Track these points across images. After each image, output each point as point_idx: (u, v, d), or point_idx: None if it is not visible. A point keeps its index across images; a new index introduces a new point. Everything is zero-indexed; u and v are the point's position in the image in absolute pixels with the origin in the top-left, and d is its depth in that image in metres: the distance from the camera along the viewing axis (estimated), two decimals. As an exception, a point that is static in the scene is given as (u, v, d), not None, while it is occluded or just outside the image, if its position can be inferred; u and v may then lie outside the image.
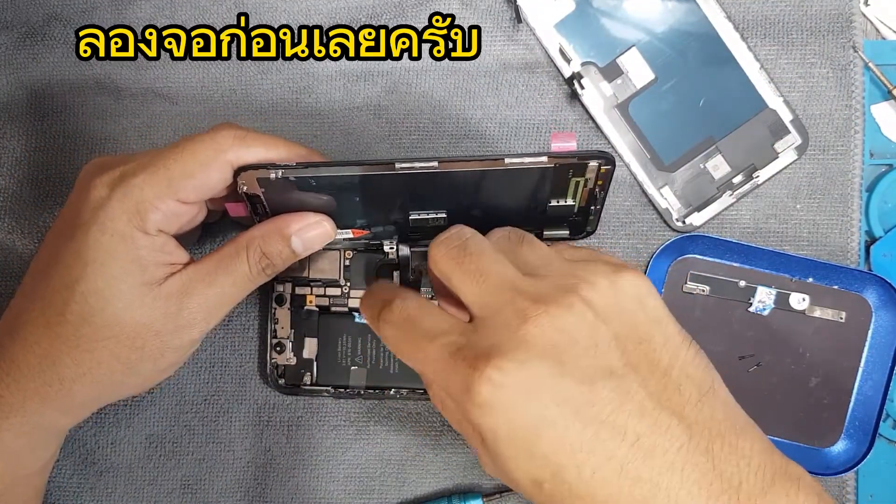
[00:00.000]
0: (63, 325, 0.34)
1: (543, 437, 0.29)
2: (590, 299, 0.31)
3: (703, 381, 0.31)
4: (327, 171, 0.34)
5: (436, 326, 0.32)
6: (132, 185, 0.34)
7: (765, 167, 0.42)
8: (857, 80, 0.42)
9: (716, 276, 0.43)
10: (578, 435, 0.29)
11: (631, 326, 0.31)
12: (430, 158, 0.33)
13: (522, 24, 0.43)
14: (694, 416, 0.30)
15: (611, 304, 0.31)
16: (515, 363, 0.29)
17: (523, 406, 0.29)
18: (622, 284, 0.32)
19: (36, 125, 0.44)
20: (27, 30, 0.44)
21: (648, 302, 0.32)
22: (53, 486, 0.44)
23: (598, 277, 0.32)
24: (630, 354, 0.30)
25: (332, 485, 0.44)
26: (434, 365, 0.31)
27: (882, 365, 0.42)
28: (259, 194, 0.35)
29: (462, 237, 0.34)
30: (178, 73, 0.44)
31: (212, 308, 0.36)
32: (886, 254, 0.43)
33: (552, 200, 0.37)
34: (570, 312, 0.30)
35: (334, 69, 0.44)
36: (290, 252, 0.37)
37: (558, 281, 0.32)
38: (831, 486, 0.43)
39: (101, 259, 0.33)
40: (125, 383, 0.36)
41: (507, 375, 0.29)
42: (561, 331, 0.30)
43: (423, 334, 0.32)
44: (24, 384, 0.35)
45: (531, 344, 0.30)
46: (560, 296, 0.31)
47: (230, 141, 0.34)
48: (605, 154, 0.34)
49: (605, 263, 0.33)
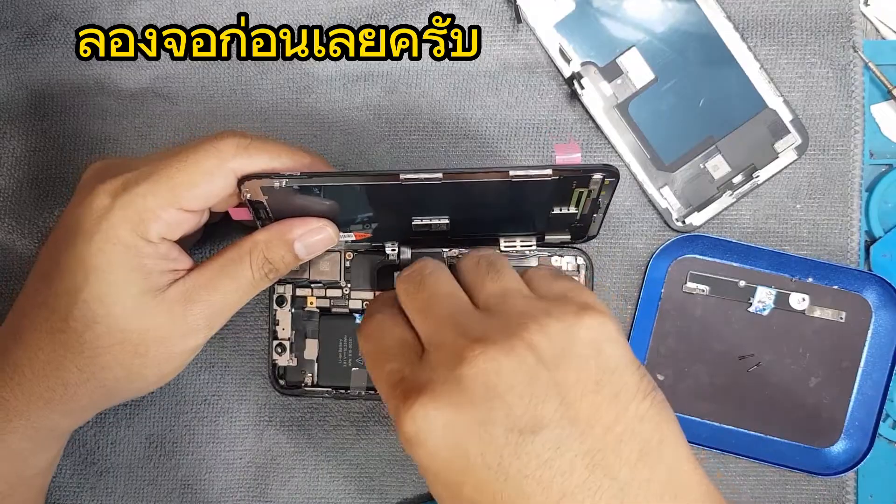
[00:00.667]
0: (67, 332, 0.34)
1: (465, 484, 0.28)
2: (534, 343, 0.29)
3: (650, 438, 0.29)
4: (331, 180, 0.34)
5: (392, 350, 0.32)
6: (135, 193, 0.33)
7: (765, 167, 0.42)
8: (857, 80, 0.42)
9: (716, 276, 0.43)
10: (502, 485, 0.28)
11: (578, 375, 0.29)
12: (435, 170, 0.33)
13: (522, 24, 0.43)
14: (629, 478, 0.28)
15: (559, 350, 0.29)
16: (443, 404, 0.28)
17: (447, 451, 0.28)
18: (578, 329, 0.30)
19: (36, 125, 0.44)
20: (27, 30, 0.44)
21: (606, 349, 0.30)
22: (53, 485, 0.44)
23: (552, 320, 0.30)
24: (571, 405, 0.28)
25: (332, 485, 0.44)
26: (380, 387, 0.32)
27: (882, 365, 0.42)
28: (262, 201, 0.35)
29: (422, 272, 0.33)
30: (178, 73, 0.44)
31: (215, 313, 0.36)
32: (886, 254, 0.43)
33: (555, 208, 0.37)
34: (509, 356, 0.29)
35: (334, 69, 0.44)
36: (293, 257, 0.37)
37: (508, 320, 0.30)
38: (831, 486, 0.43)
39: (103, 267, 0.33)
40: (129, 388, 0.36)
41: (431, 416, 0.28)
42: (497, 374, 0.28)
43: (380, 355, 0.32)
44: (29, 389, 0.35)
45: (464, 386, 0.28)
46: (502, 337, 0.29)
47: (233, 150, 0.34)
48: (609, 168, 0.34)
49: (566, 302, 0.31)
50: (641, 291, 0.43)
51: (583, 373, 0.29)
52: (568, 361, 0.29)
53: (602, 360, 0.30)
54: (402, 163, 0.44)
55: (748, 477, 0.43)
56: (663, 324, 0.43)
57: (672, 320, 0.43)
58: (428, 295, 0.32)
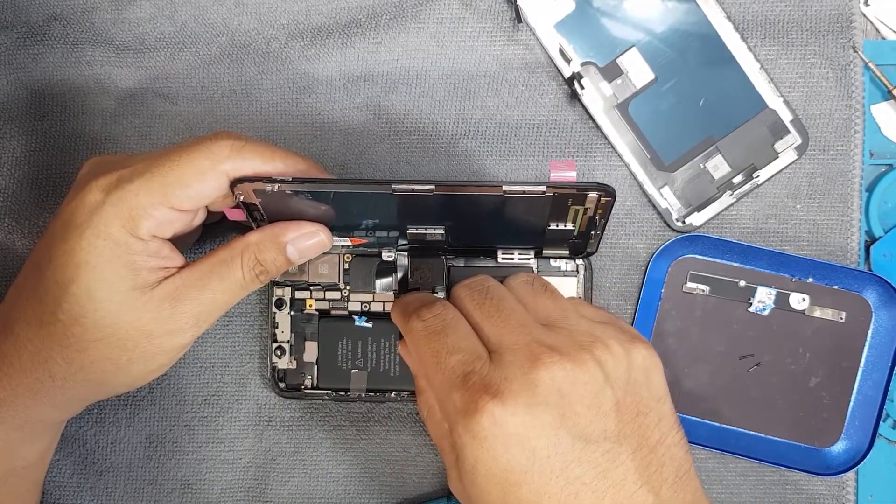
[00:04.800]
0: (55, 325, 0.34)
1: (524, 484, 0.30)
2: (603, 361, 0.32)
3: (682, 464, 0.32)
4: (323, 187, 0.34)
5: (460, 343, 0.33)
6: (127, 190, 0.33)
7: (765, 167, 0.42)
8: (857, 80, 0.42)
9: (716, 276, 0.43)
10: (559, 491, 0.30)
11: (633, 397, 0.32)
12: (428, 181, 0.33)
13: (522, 24, 0.43)
14: (668, 497, 0.31)
15: (621, 372, 0.32)
16: (520, 405, 0.30)
17: (515, 449, 0.30)
18: (635, 355, 0.33)
19: (36, 125, 0.44)
20: (27, 30, 0.44)
21: (654, 378, 0.33)
22: (53, 485, 0.44)
23: (614, 342, 0.33)
24: (626, 424, 0.31)
25: (332, 485, 0.44)
26: (442, 377, 0.32)
27: (882, 365, 0.42)
28: (256, 203, 0.35)
29: (485, 284, 0.36)
30: (178, 73, 0.44)
31: (204, 312, 0.36)
32: (886, 254, 0.43)
33: (551, 224, 0.37)
34: (582, 368, 0.31)
35: (334, 69, 0.44)
36: (284, 260, 0.37)
37: (575, 336, 0.33)
38: (831, 486, 0.43)
39: (93, 262, 0.34)
40: (116, 382, 0.36)
41: (508, 414, 0.30)
42: (571, 383, 0.31)
43: (445, 344, 0.33)
44: (16, 380, 0.35)
45: (539, 389, 0.30)
46: (574, 350, 0.32)
47: (227, 152, 0.34)
48: (605, 186, 0.34)
49: (619, 329, 0.34)
50: (641, 291, 0.43)
51: (637, 396, 0.32)
52: (626, 383, 0.32)
53: (651, 387, 0.33)
54: (402, 163, 0.44)
55: (748, 477, 0.43)
56: (663, 324, 0.43)
57: (672, 320, 0.43)
58: (497, 303, 0.34)
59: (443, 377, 0.32)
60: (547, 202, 0.35)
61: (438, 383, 0.33)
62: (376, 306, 0.43)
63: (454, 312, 0.35)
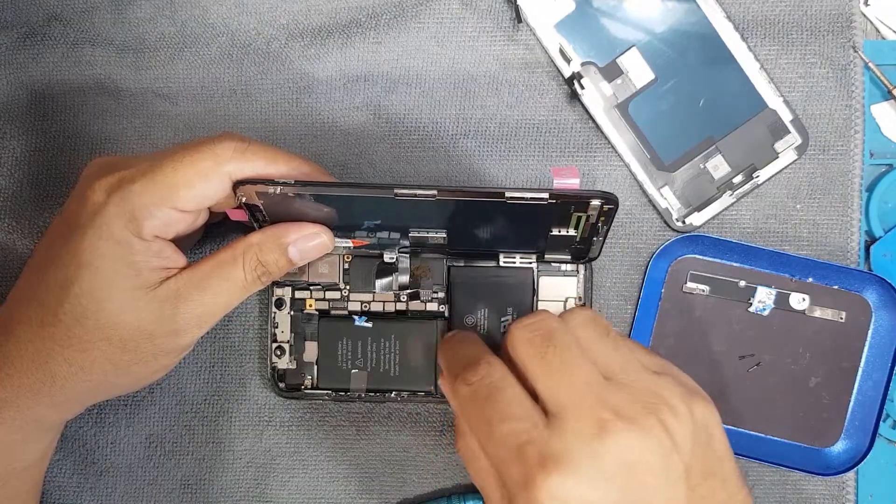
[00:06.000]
0: (56, 325, 0.34)
1: None
2: (669, 425, 0.30)
3: None
4: (325, 190, 0.34)
5: (512, 408, 0.31)
6: (130, 191, 0.33)
7: (765, 167, 0.42)
8: (857, 80, 0.42)
9: (716, 276, 0.43)
10: None
11: (700, 460, 0.31)
12: (430, 186, 0.33)
13: (522, 24, 0.43)
14: None
15: (687, 434, 0.30)
16: (583, 478, 0.28)
17: None
18: (695, 413, 0.31)
19: (36, 125, 0.44)
20: (27, 30, 0.44)
21: (715, 434, 0.32)
22: (53, 485, 0.44)
23: (678, 402, 0.31)
24: (694, 489, 0.30)
25: (332, 485, 0.44)
26: (497, 447, 0.31)
27: (882, 365, 0.42)
28: (258, 204, 0.35)
29: (548, 326, 0.33)
30: (178, 73, 0.44)
31: (205, 313, 0.36)
32: (886, 254, 0.43)
33: (554, 230, 0.37)
34: (650, 435, 0.29)
35: (334, 69, 0.44)
36: (286, 261, 0.37)
37: (638, 396, 0.31)
38: (831, 486, 0.43)
39: (95, 262, 0.34)
40: (117, 383, 0.36)
41: (570, 491, 0.28)
42: (638, 452, 0.29)
43: (497, 411, 0.31)
44: (17, 380, 0.35)
45: (605, 461, 0.29)
46: (641, 415, 0.30)
47: (230, 154, 0.34)
48: (607, 195, 0.33)
49: (679, 383, 0.32)
50: (641, 291, 0.43)
51: (703, 459, 0.31)
52: (693, 446, 0.30)
53: (714, 446, 0.31)
54: (402, 163, 0.44)
55: (748, 477, 0.43)
56: (663, 324, 0.43)
57: (672, 320, 0.43)
58: (560, 353, 0.32)
59: (496, 447, 0.31)
60: (549, 209, 0.34)
61: (492, 451, 0.31)
62: (376, 306, 0.43)
63: (501, 371, 0.33)
